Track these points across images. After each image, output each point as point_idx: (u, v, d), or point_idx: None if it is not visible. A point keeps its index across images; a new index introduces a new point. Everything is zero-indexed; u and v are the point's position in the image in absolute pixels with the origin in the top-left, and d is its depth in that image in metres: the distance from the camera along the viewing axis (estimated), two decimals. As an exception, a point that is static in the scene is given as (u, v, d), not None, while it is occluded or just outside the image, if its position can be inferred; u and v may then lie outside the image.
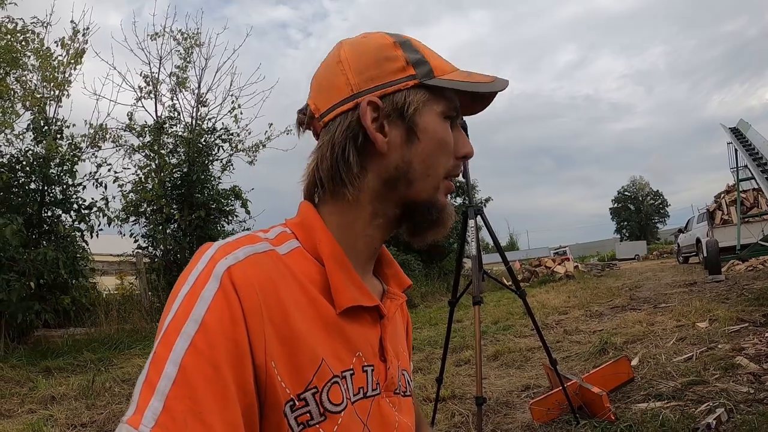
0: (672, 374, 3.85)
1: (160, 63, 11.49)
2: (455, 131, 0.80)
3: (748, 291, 8.01)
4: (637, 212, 68.23)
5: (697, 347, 4.60)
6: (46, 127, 8.75)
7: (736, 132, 10.25)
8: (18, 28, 8.85)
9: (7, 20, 8.75)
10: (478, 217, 3.17)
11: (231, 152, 11.72)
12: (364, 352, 0.74)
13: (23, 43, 8.89)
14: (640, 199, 69.18)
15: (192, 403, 0.54)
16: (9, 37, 8.63)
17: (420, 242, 0.82)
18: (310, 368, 0.65)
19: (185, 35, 11.65)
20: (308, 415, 0.64)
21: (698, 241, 15.72)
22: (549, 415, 3.42)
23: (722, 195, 15.72)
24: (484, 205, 20.90)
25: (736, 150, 9.88)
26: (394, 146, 0.75)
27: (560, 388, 3.26)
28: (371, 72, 0.76)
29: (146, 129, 10.95)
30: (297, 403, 0.63)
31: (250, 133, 12.07)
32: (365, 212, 0.77)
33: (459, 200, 20.23)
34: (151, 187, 10.55)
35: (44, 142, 8.48)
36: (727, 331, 5.11)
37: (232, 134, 11.67)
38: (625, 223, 68.76)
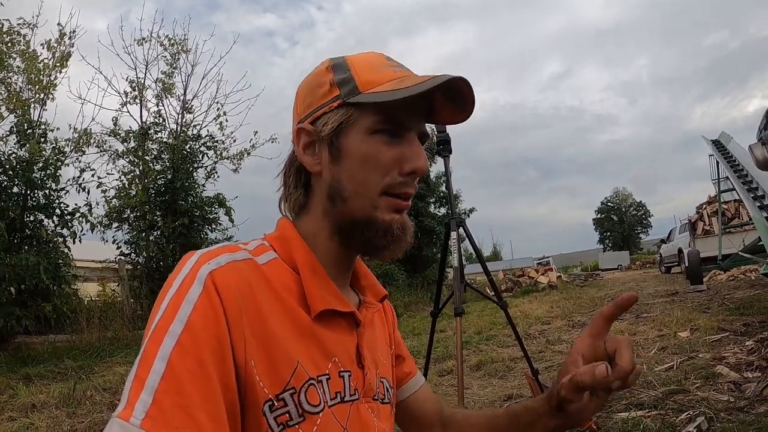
0: (653, 383, 3.88)
1: (146, 68, 11.50)
2: (402, 145, 0.78)
3: (729, 301, 8.10)
4: (620, 223, 68.85)
5: (678, 356, 4.64)
6: (30, 131, 8.67)
7: (717, 144, 10.38)
8: (4, 29, 8.78)
9: (-6, 21, 8.67)
10: (461, 229, 3.18)
11: (215, 160, 11.69)
12: (341, 358, 0.76)
13: (9, 44, 8.81)
14: (623, 209, 69.81)
15: (179, 398, 0.56)
16: (-6, 38, 8.56)
17: (377, 259, 0.85)
18: (287, 370, 0.68)
19: (172, 41, 11.66)
20: (287, 415, 0.66)
21: (680, 251, 15.89)
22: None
23: (704, 206, 15.87)
24: (468, 216, 20.93)
25: (717, 162, 9.99)
26: (325, 166, 0.80)
27: (542, 397, 3.26)
28: (308, 99, 0.82)
29: (131, 134, 10.90)
30: (276, 404, 0.66)
31: (234, 141, 12.08)
32: (325, 226, 0.81)
33: (443, 210, 20.31)
34: (134, 193, 10.47)
35: (28, 145, 8.40)
36: (708, 340, 5.16)
37: (216, 142, 11.65)
38: (608, 233, 69.33)
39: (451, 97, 0.80)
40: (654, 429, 3.00)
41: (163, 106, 11.54)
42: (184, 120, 11.63)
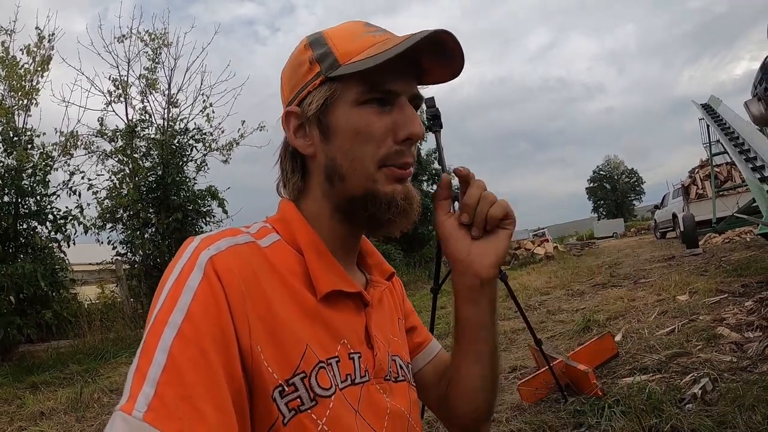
0: (656, 347, 3.92)
1: (128, 65, 11.39)
2: (393, 112, 0.75)
3: (726, 263, 8.15)
4: (613, 191, 69.09)
5: (678, 320, 4.68)
6: (16, 138, 8.58)
7: (707, 108, 10.35)
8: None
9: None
10: (456, 203, 3.17)
11: (205, 152, 11.65)
12: (350, 340, 0.75)
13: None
14: (616, 177, 69.99)
15: (182, 389, 0.55)
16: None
17: (384, 234, 0.83)
18: (296, 353, 0.66)
19: (153, 36, 11.57)
20: (299, 400, 0.65)
21: (675, 216, 15.91)
22: (537, 394, 3.45)
23: (696, 170, 15.89)
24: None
25: (708, 126, 9.99)
26: (317, 147, 0.78)
27: (547, 367, 3.29)
28: (292, 81, 0.80)
29: (118, 133, 10.81)
30: (287, 389, 0.65)
31: (223, 132, 12.04)
32: (326, 207, 0.80)
33: (435, 188, 20.29)
34: (126, 192, 10.43)
35: (15, 153, 8.32)
36: (707, 302, 5.20)
37: (204, 134, 11.59)
38: (602, 202, 69.62)
39: (438, 53, 0.76)
40: (659, 392, 3.02)
41: (149, 102, 11.49)
42: (170, 114, 11.59)
